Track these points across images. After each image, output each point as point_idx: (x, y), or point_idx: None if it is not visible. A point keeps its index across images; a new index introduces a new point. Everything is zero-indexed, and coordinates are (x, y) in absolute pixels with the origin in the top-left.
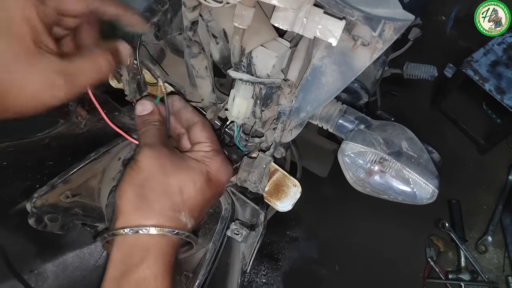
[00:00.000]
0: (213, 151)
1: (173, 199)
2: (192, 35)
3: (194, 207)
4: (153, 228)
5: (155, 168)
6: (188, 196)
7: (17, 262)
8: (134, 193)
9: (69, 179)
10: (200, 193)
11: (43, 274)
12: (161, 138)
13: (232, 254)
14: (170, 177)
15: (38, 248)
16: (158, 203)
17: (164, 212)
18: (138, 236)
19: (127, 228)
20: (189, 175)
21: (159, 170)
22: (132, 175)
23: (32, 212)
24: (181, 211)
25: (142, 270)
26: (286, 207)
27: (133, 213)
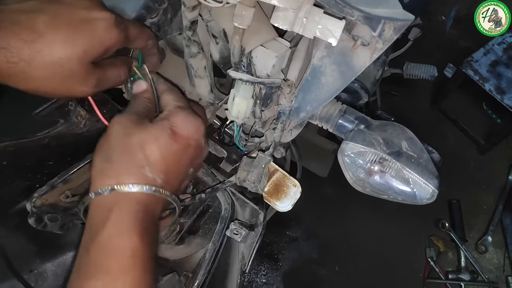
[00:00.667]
0: (176, 107)
1: (134, 156)
2: (191, 35)
3: (160, 161)
4: (114, 186)
5: (119, 132)
6: (151, 151)
7: (17, 262)
8: (100, 158)
9: (69, 179)
10: (164, 148)
11: (43, 274)
12: (139, 109)
13: (232, 254)
14: (132, 137)
15: (38, 248)
16: (120, 162)
17: (126, 170)
18: (100, 198)
19: (91, 193)
20: (151, 132)
21: (123, 132)
22: (100, 144)
23: (32, 211)
24: (144, 166)
25: (107, 229)
26: (286, 207)
27: (97, 177)
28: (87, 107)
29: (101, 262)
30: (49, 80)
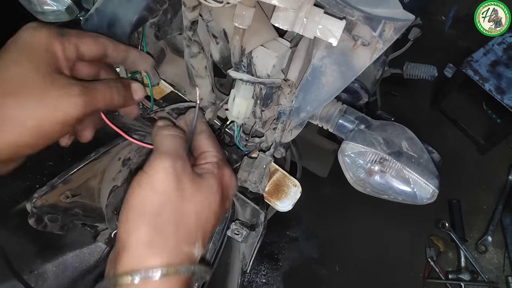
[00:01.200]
0: (220, 160)
1: (189, 230)
2: (191, 35)
3: (207, 232)
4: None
5: (172, 189)
6: (204, 221)
7: (17, 263)
8: (148, 225)
9: (69, 179)
10: (213, 215)
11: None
12: (180, 148)
13: (232, 254)
14: (188, 202)
15: (38, 248)
16: (174, 238)
17: (179, 248)
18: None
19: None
20: (206, 196)
21: (177, 192)
22: (144, 200)
23: (32, 212)
24: (195, 242)
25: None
26: (286, 207)
27: (146, 252)
28: None
29: None
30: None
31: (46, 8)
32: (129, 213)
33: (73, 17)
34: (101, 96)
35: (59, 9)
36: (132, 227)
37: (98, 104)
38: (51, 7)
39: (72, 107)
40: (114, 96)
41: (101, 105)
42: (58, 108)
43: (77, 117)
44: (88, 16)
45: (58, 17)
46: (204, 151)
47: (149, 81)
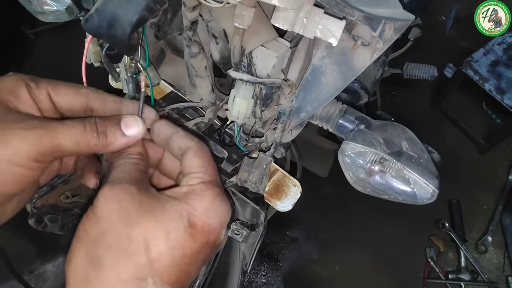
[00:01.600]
0: (201, 183)
1: (136, 260)
2: (191, 35)
3: (169, 268)
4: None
5: (114, 215)
6: (158, 253)
7: (17, 263)
8: (85, 256)
9: (69, 179)
10: (177, 247)
11: (43, 274)
12: (134, 175)
13: (232, 254)
14: (133, 228)
15: (38, 249)
16: (113, 269)
17: (124, 284)
18: None
19: None
20: (160, 222)
21: (120, 217)
22: (85, 228)
23: (32, 212)
24: (146, 277)
25: None
26: (286, 207)
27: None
28: None
29: None
30: None
31: (46, 8)
32: (72, 244)
33: (73, 17)
34: (67, 133)
35: (59, 9)
36: (70, 257)
37: (61, 141)
38: (51, 7)
39: (23, 144)
40: (87, 133)
41: (67, 144)
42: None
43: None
44: (88, 17)
45: (58, 17)
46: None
47: (149, 81)
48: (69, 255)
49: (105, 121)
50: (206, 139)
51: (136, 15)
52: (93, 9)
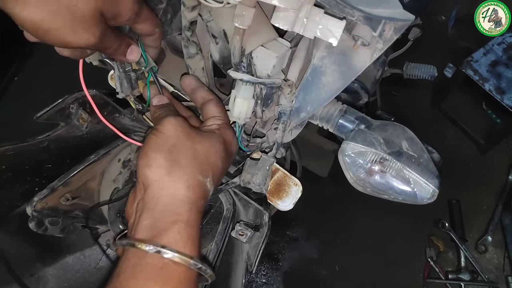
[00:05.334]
0: (225, 123)
1: (202, 164)
2: (190, 35)
3: (216, 173)
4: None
5: (182, 135)
6: (213, 163)
7: (18, 266)
8: (165, 159)
9: (69, 181)
10: (221, 161)
11: (43, 278)
12: (185, 114)
13: (235, 254)
14: (197, 144)
15: (38, 252)
16: (190, 168)
17: (194, 176)
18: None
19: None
20: (212, 143)
21: (187, 136)
22: (159, 142)
23: (33, 215)
24: (208, 176)
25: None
26: (287, 206)
27: (166, 179)
28: (88, 109)
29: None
30: (56, 15)
31: None
32: (148, 151)
33: None
34: (108, 45)
35: None
36: (151, 161)
37: (101, 49)
38: None
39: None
40: (115, 50)
41: (103, 51)
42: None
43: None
44: None
45: None
46: (211, 116)
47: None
48: (149, 161)
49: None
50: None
51: None
52: None
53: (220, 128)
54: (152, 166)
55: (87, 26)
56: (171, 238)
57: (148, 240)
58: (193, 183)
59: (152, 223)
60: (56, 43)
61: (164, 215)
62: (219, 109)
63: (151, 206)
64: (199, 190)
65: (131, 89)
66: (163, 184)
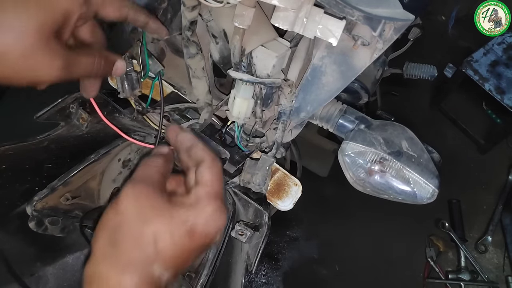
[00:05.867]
0: (207, 197)
1: (145, 250)
2: (190, 35)
3: (170, 258)
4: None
5: (132, 212)
6: (163, 247)
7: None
8: (107, 238)
9: (69, 181)
10: (178, 245)
11: (43, 277)
12: (155, 178)
13: (234, 254)
14: (146, 225)
15: (38, 251)
16: (127, 254)
17: (134, 263)
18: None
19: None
20: (167, 224)
21: (136, 215)
22: (109, 217)
23: (33, 215)
24: (153, 263)
25: None
26: (287, 206)
27: (101, 261)
28: (88, 109)
29: None
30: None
31: None
32: (98, 225)
33: None
34: (79, 70)
35: None
36: (96, 238)
37: (73, 76)
38: None
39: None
40: (93, 71)
41: (76, 77)
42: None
43: (46, 83)
44: None
45: None
46: (197, 182)
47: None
48: (95, 237)
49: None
50: (207, 139)
51: None
52: None
53: (197, 204)
54: (95, 243)
55: (44, 57)
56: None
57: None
58: (131, 269)
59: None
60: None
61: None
62: (209, 175)
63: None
64: (140, 277)
65: (132, 89)
66: (98, 265)
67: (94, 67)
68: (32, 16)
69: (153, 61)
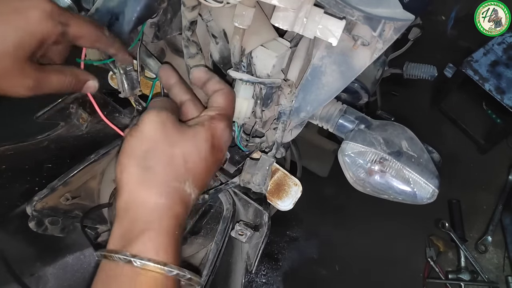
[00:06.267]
0: (218, 115)
1: (177, 169)
2: (190, 35)
3: (198, 175)
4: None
5: (159, 137)
6: (193, 165)
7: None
8: (137, 166)
9: (69, 181)
10: (204, 161)
11: (43, 277)
12: (173, 106)
13: (234, 254)
14: (175, 147)
15: (38, 251)
16: (162, 175)
17: (168, 183)
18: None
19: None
20: (194, 143)
21: (164, 139)
22: (133, 146)
23: (33, 215)
24: (185, 181)
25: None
26: (287, 206)
27: (136, 188)
28: (88, 109)
29: None
30: None
31: None
32: (121, 157)
33: None
34: (49, 88)
35: None
36: (124, 167)
37: (43, 92)
38: None
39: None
40: (63, 88)
41: (49, 91)
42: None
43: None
44: (89, 17)
45: None
46: (211, 105)
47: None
48: (121, 167)
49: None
50: None
51: (135, 13)
52: (93, 8)
53: (211, 120)
54: (123, 173)
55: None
56: (142, 247)
57: (119, 250)
58: (166, 190)
59: (123, 233)
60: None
61: (135, 224)
62: (223, 100)
63: (122, 215)
64: (174, 196)
65: (132, 89)
66: (134, 192)
67: (65, 85)
68: (9, 39)
69: (154, 62)
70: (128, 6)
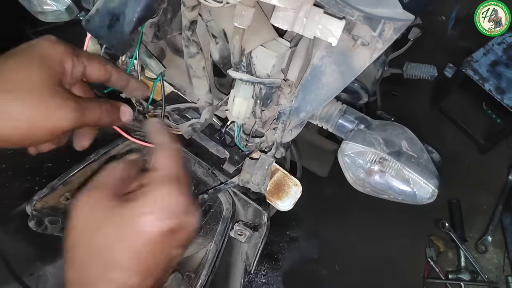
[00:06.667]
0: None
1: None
2: (190, 35)
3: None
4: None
5: (83, 224)
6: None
7: (17, 265)
8: (69, 262)
9: (69, 181)
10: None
11: (43, 276)
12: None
13: (234, 254)
14: (97, 234)
15: (38, 251)
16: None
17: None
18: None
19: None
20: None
21: (88, 225)
22: (67, 236)
23: (33, 214)
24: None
25: None
26: (287, 206)
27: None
28: None
29: None
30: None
31: (46, 8)
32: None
33: (73, 17)
34: (91, 115)
35: (59, 9)
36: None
37: (87, 121)
38: (51, 7)
39: (63, 120)
40: (103, 117)
41: (90, 122)
42: (51, 117)
43: (65, 130)
44: (89, 17)
45: (58, 17)
46: (151, 169)
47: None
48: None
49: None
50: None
51: (136, 14)
52: (93, 9)
53: (149, 190)
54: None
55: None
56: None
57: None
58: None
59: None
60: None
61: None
62: (162, 158)
63: None
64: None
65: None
66: None
67: (103, 113)
68: (35, 70)
69: (154, 62)
70: (128, 7)
